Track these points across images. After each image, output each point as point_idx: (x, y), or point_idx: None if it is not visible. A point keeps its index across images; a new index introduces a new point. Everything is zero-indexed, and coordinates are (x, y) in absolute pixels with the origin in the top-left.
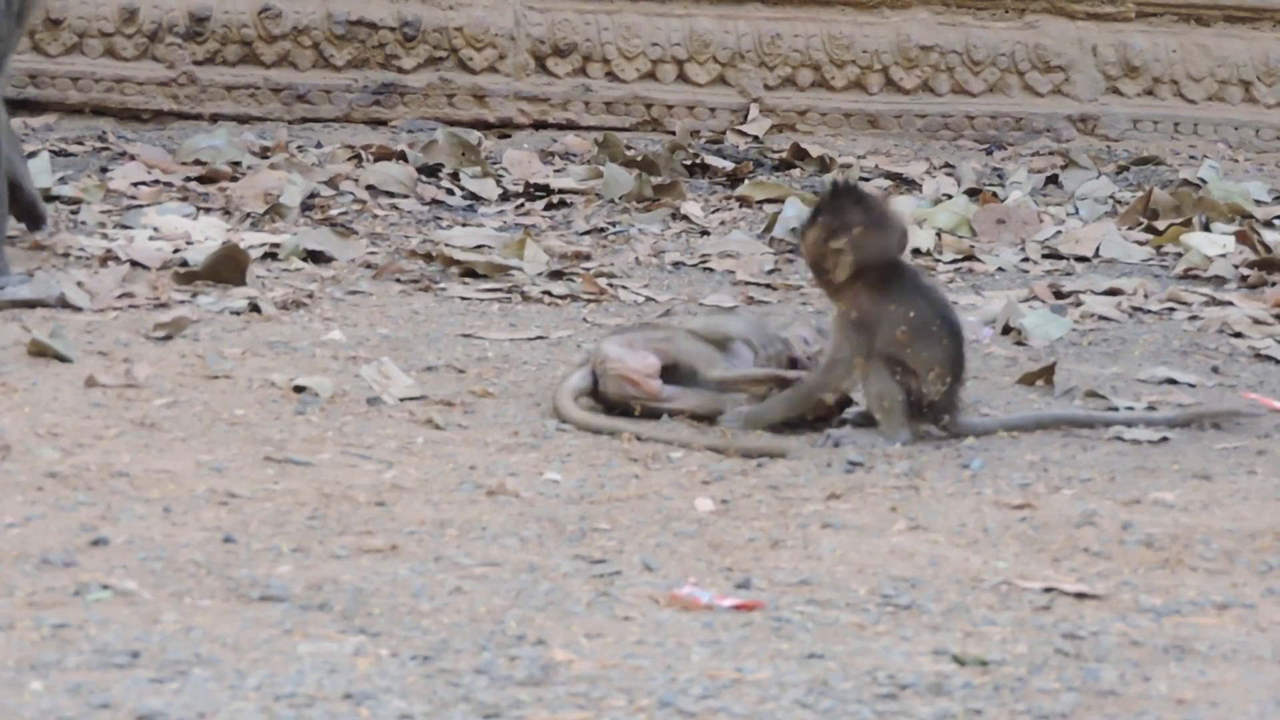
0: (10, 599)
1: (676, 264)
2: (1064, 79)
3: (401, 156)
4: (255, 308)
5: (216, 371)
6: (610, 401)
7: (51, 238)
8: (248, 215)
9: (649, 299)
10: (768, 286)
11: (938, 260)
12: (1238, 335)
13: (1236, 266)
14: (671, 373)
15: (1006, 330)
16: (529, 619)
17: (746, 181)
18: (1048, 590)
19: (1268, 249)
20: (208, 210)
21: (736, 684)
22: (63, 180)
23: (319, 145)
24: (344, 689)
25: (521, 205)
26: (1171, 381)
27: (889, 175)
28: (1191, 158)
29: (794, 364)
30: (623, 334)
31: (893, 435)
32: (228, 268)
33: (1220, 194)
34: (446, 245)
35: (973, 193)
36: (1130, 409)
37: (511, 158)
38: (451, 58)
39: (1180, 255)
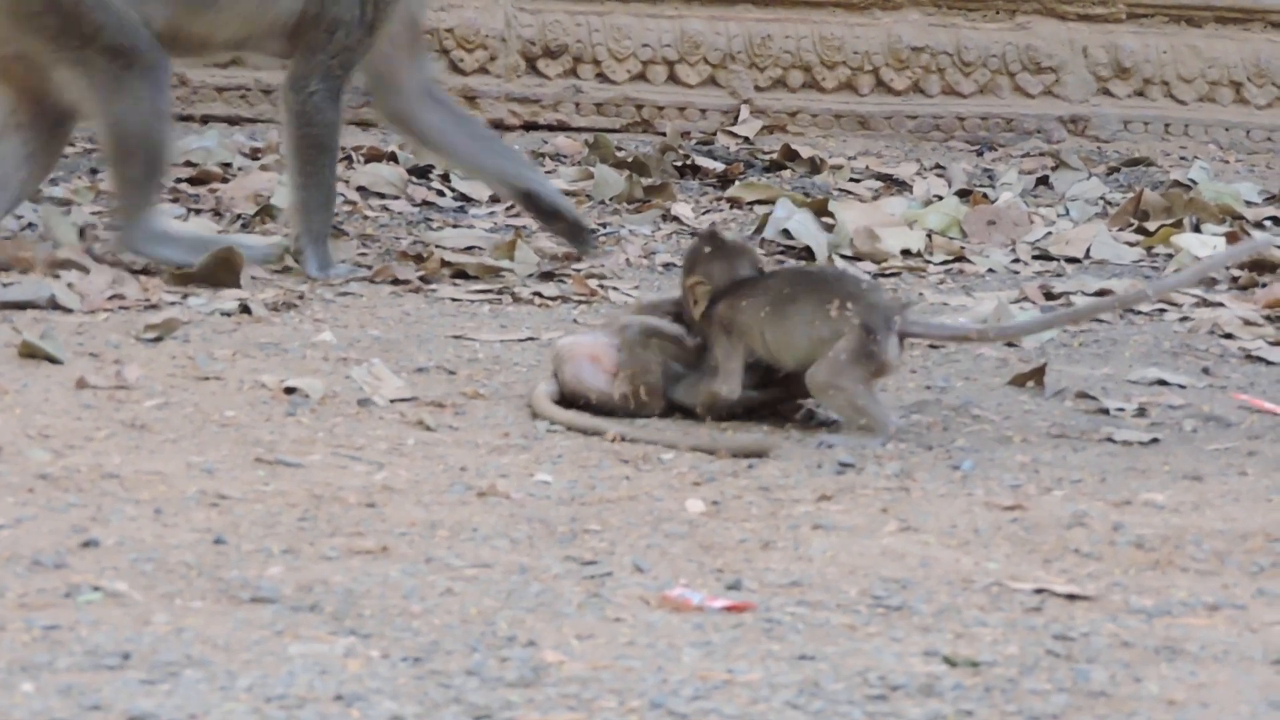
0: (1, 601)
1: (667, 265)
2: (1055, 80)
3: (392, 158)
4: (246, 309)
5: (207, 373)
6: (570, 396)
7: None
8: (238, 216)
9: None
10: None
11: (928, 261)
12: (1228, 336)
13: (1227, 268)
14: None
15: None
16: (520, 620)
17: (737, 183)
18: (1039, 591)
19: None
20: (198, 212)
21: (727, 685)
22: (54, 182)
23: None
24: (335, 690)
25: (512, 206)
26: (1162, 383)
27: (879, 176)
28: (1182, 159)
29: None
30: (582, 333)
31: (880, 428)
32: (223, 270)
33: (1211, 195)
34: (438, 247)
35: (963, 194)
36: (1121, 410)
37: None
38: (442, 59)
39: (1171, 256)
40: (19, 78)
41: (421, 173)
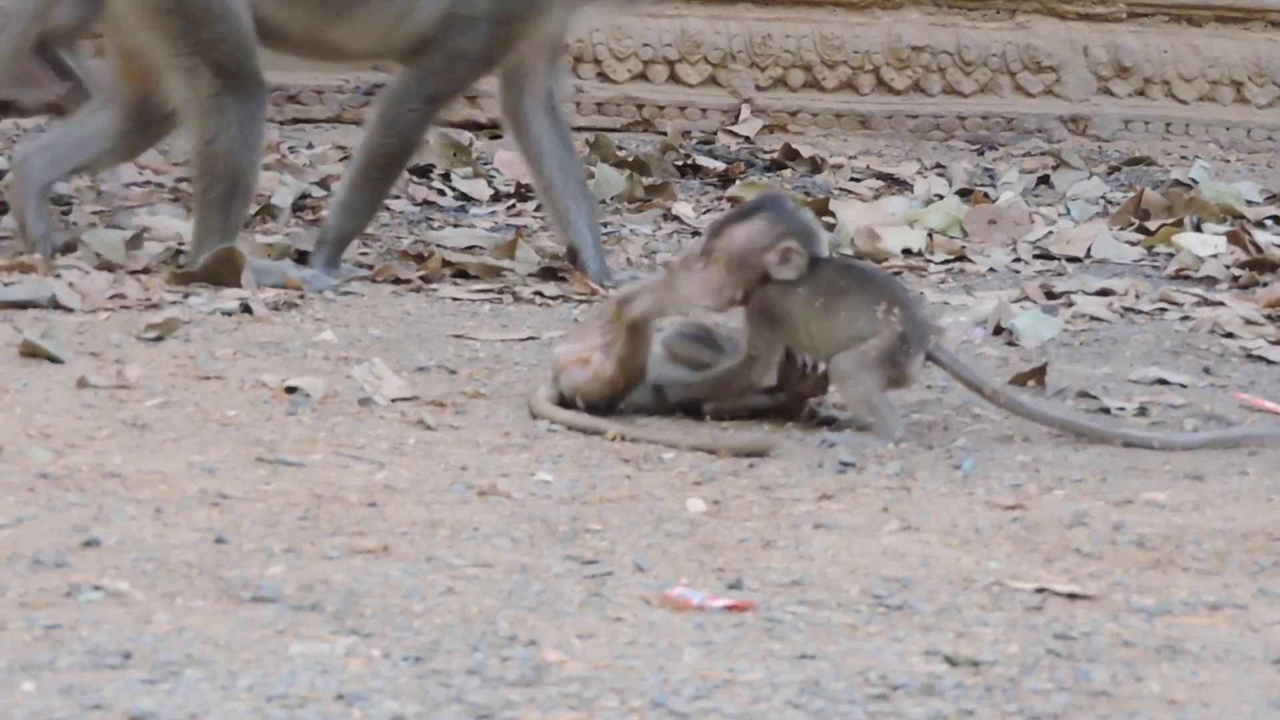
0: (2, 600)
1: (668, 264)
2: (1055, 79)
3: None
4: (247, 308)
5: (208, 372)
6: (567, 400)
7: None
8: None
9: None
10: None
11: (929, 261)
12: (1229, 336)
13: (1228, 267)
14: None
15: (998, 331)
16: (521, 620)
17: (738, 182)
18: (1039, 591)
19: (1259, 249)
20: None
21: (728, 684)
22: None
23: (310, 146)
24: (336, 690)
25: (513, 206)
26: (1163, 382)
27: (880, 176)
28: (1183, 158)
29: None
30: (573, 333)
31: (887, 432)
32: (225, 269)
33: (1211, 194)
34: (439, 246)
35: (964, 193)
36: (1122, 409)
37: (503, 158)
38: None
39: (1172, 256)
40: (136, 70)
41: (422, 172)
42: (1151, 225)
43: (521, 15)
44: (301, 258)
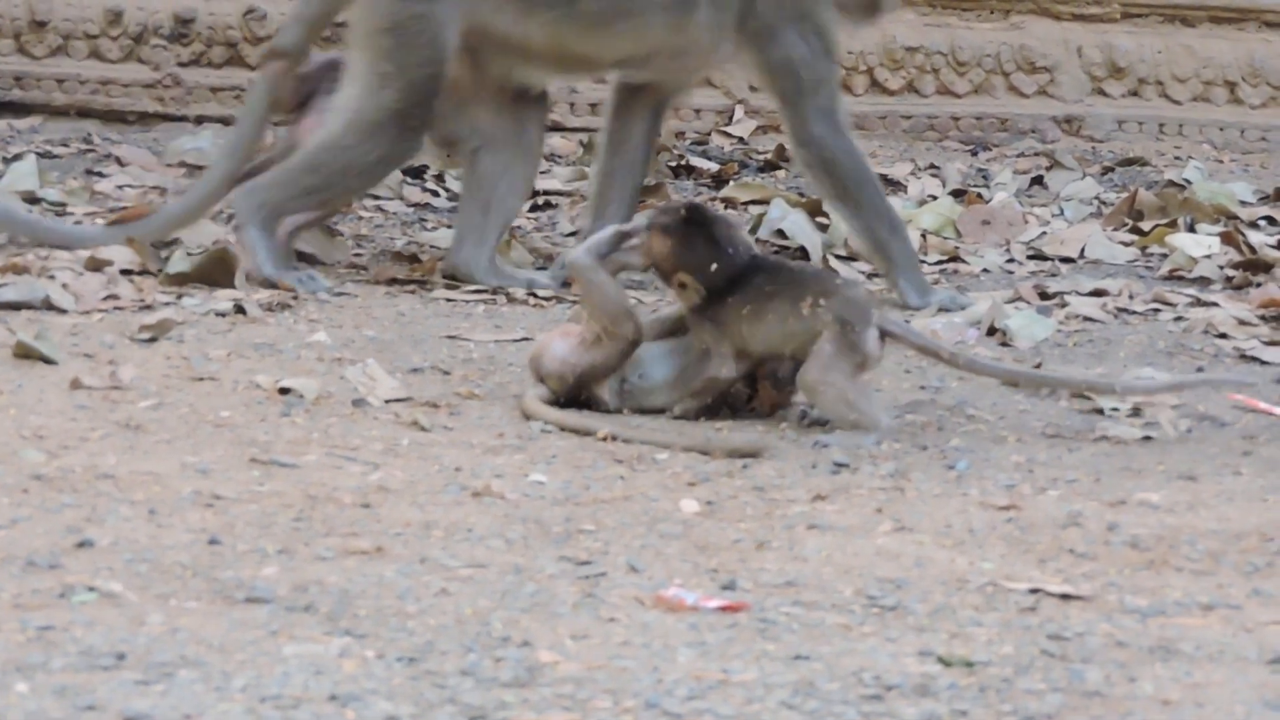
0: None
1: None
2: (1049, 80)
3: None
4: (240, 309)
5: (202, 373)
6: (558, 385)
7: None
8: (231, 217)
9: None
10: None
11: (923, 261)
12: (1223, 336)
13: (1221, 267)
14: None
15: (991, 331)
16: (514, 620)
17: (731, 183)
18: (1033, 591)
19: (1252, 250)
20: None
21: (722, 685)
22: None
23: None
24: (329, 690)
25: None
26: None
27: None
28: (1176, 158)
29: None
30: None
31: (871, 424)
32: (219, 270)
33: (1205, 195)
34: (432, 247)
35: (958, 194)
36: (1115, 409)
37: None
38: None
39: (1165, 256)
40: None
41: (416, 173)
42: (1145, 226)
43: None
44: (298, 259)
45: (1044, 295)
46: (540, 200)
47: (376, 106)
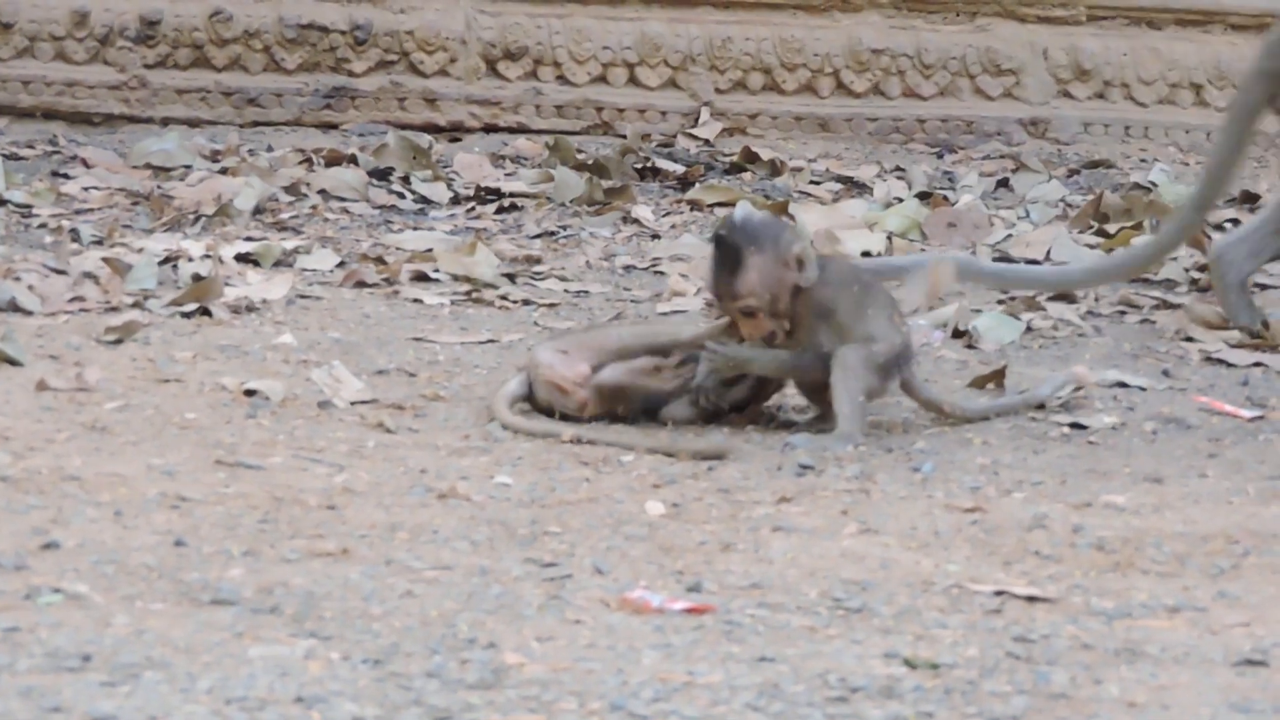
0: None
1: (628, 267)
2: (1015, 82)
3: (352, 160)
4: (206, 311)
5: (167, 375)
6: (540, 408)
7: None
8: (197, 219)
9: (607, 300)
10: None
11: None
12: (1189, 339)
13: (1187, 270)
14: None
15: (958, 334)
16: (480, 622)
17: (698, 185)
18: (999, 593)
19: None
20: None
21: (688, 687)
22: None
23: (270, 149)
24: (295, 692)
25: (472, 209)
26: (1122, 385)
27: (840, 179)
28: (1142, 161)
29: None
30: (561, 339)
31: (849, 437)
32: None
33: (1171, 197)
34: (398, 249)
35: (924, 196)
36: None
37: (462, 161)
38: (402, 61)
39: None
40: None
41: (382, 175)
42: (1111, 228)
43: None
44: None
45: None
46: (506, 202)
47: None
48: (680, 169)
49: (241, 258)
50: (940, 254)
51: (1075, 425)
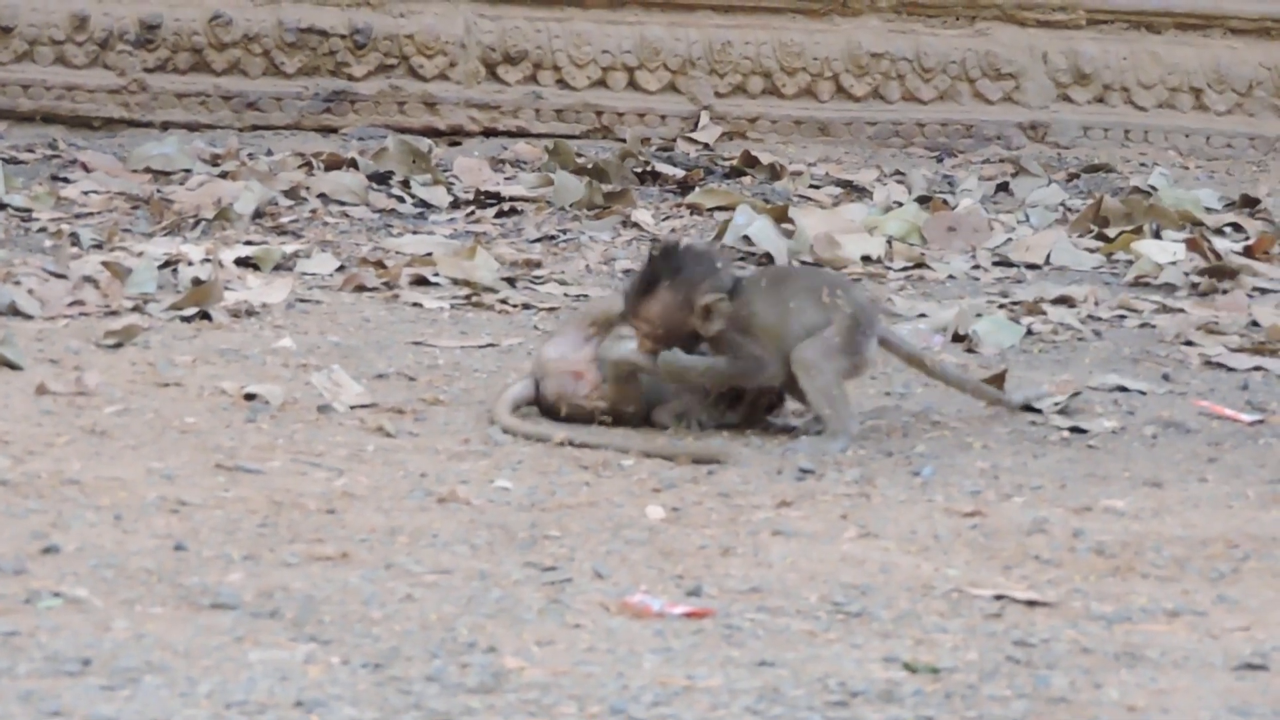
0: None
1: (627, 271)
2: (1015, 86)
3: (352, 164)
4: (206, 315)
5: (167, 379)
6: (550, 405)
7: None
8: (197, 222)
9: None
10: None
11: (888, 268)
12: (1189, 343)
13: (1187, 274)
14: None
15: (958, 338)
16: (480, 626)
17: (697, 189)
18: (998, 598)
19: (1218, 256)
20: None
21: (687, 691)
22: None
23: (269, 153)
24: (295, 696)
25: (472, 213)
26: (1122, 389)
27: (839, 183)
28: (1142, 165)
29: None
30: (560, 335)
31: (842, 429)
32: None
33: (1171, 201)
34: (398, 253)
35: (923, 200)
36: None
37: (462, 165)
38: (402, 65)
39: (1131, 263)
40: None
41: (382, 179)
42: (1110, 232)
43: None
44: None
45: (1013, 301)
46: (506, 206)
47: None
48: (680, 173)
49: (241, 262)
50: None
51: (1075, 429)
